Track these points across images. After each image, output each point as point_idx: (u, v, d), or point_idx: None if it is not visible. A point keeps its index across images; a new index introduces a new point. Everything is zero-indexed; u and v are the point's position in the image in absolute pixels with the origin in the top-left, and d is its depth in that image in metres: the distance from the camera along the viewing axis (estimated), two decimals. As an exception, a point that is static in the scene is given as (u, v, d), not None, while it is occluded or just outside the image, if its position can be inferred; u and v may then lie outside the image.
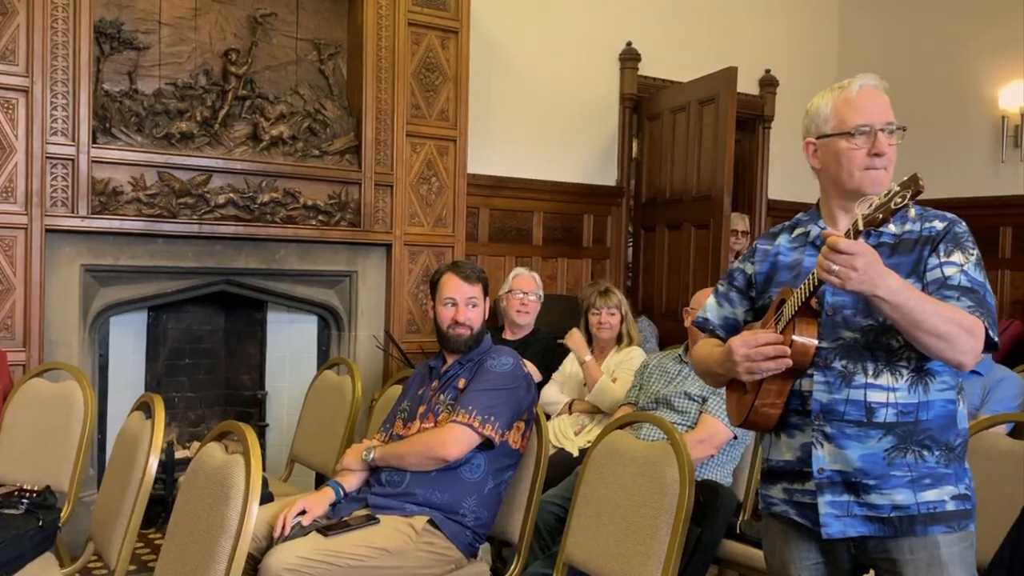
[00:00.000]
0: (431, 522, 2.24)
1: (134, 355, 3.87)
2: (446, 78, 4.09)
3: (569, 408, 3.34)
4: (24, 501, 2.28)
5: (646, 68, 5.26)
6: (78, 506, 2.61)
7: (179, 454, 3.67)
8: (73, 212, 3.29)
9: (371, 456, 2.37)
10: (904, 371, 1.55)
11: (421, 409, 2.44)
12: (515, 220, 4.94)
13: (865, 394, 1.55)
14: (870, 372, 1.55)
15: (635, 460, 2.09)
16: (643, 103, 5.25)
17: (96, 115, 3.36)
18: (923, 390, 1.56)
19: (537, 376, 3.37)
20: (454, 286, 2.48)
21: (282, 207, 3.72)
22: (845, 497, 1.58)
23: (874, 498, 1.56)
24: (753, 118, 5.71)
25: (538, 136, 4.91)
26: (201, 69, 3.67)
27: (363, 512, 2.25)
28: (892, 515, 1.56)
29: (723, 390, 1.80)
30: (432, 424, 2.38)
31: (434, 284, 2.54)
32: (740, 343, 1.56)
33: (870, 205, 1.37)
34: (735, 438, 2.74)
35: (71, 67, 3.27)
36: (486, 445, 2.31)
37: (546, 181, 4.96)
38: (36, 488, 2.34)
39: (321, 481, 3.04)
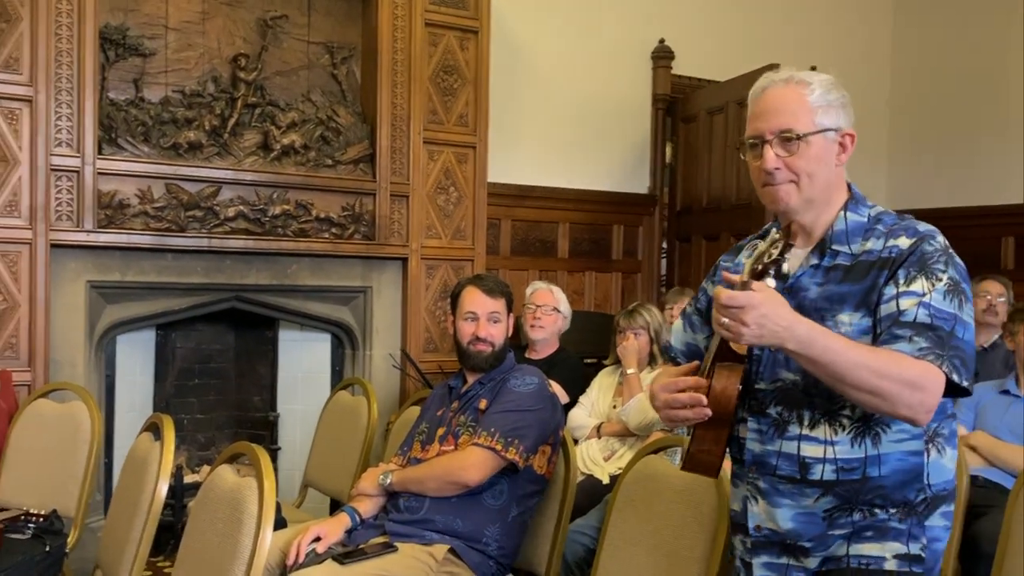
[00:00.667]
0: (452, 551, 2.30)
1: (142, 375, 3.99)
2: (465, 81, 4.18)
3: (598, 432, 3.40)
4: (31, 526, 2.38)
5: (680, 67, 5.32)
6: (84, 532, 2.71)
7: (188, 478, 3.76)
8: (78, 226, 3.41)
9: (388, 480, 2.44)
10: (846, 422, 1.43)
11: (440, 431, 2.51)
12: (539, 232, 5.01)
13: (799, 447, 1.46)
14: (805, 422, 1.45)
15: (671, 487, 2.11)
16: (677, 104, 5.32)
17: (101, 125, 3.48)
18: (871, 443, 1.43)
19: (564, 398, 3.43)
20: (475, 300, 2.55)
21: (294, 220, 3.82)
22: (784, 560, 1.50)
23: (812, 561, 1.48)
24: (797, 119, 5.73)
25: (564, 141, 4.98)
26: (209, 76, 3.79)
27: (380, 540, 2.32)
28: (821, 568, 1.47)
29: None
30: (452, 447, 2.44)
31: (454, 298, 2.62)
32: (660, 388, 1.50)
33: (754, 250, 1.31)
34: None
35: (75, 75, 3.38)
36: (510, 469, 2.37)
37: (572, 189, 5.02)
38: (43, 512, 2.44)
39: (336, 507, 3.12)
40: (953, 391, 1.38)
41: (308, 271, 3.93)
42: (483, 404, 2.47)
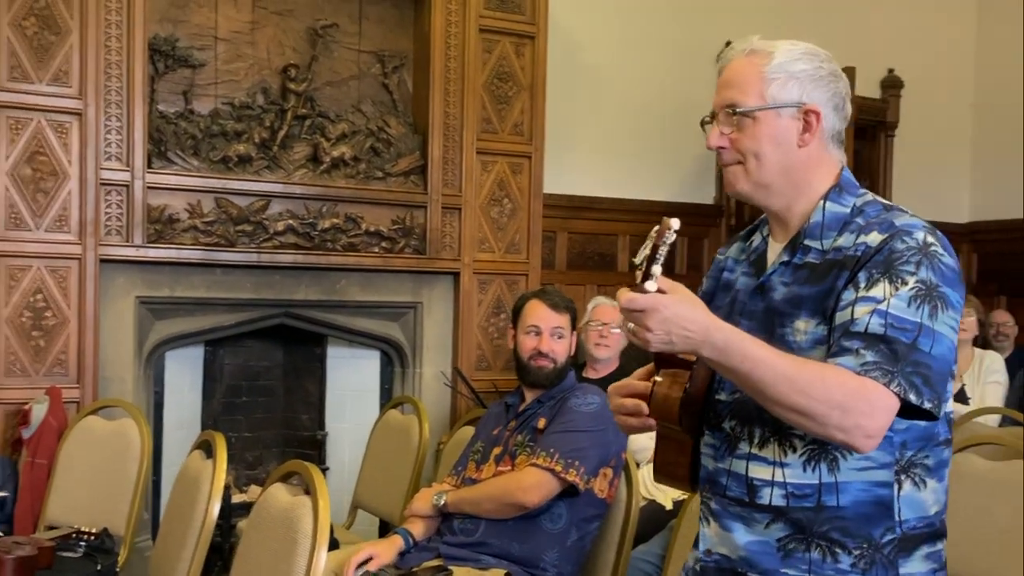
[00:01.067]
0: (509, 576, 2.34)
1: (190, 392, 4.11)
2: (521, 88, 4.23)
3: (661, 455, 3.40)
4: (82, 544, 2.49)
5: (746, 70, 5.30)
6: (132, 551, 2.81)
7: (236, 498, 3.85)
8: (128, 241, 3.53)
9: (442, 501, 2.49)
10: (798, 443, 1.34)
11: (496, 451, 2.56)
12: (597, 244, 5.03)
13: (747, 467, 1.38)
14: (755, 440, 1.37)
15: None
16: (743, 110, 5.30)
17: (151, 138, 3.60)
18: (828, 469, 1.32)
19: (625, 419, 3.44)
20: (539, 313, 2.61)
21: (343, 234, 3.91)
22: None
23: None
24: (874, 125, 5.67)
25: (624, 150, 5.01)
26: (259, 87, 3.91)
27: (434, 563, 2.37)
28: None
29: None
30: (509, 467, 2.48)
31: (516, 311, 2.68)
32: (614, 389, 1.45)
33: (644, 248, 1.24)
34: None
35: (125, 88, 3.50)
36: (569, 492, 2.39)
37: (633, 200, 5.04)
38: (94, 531, 2.54)
39: (386, 529, 3.19)
40: (916, 413, 1.25)
41: (357, 286, 4.02)
42: (542, 423, 2.51)
